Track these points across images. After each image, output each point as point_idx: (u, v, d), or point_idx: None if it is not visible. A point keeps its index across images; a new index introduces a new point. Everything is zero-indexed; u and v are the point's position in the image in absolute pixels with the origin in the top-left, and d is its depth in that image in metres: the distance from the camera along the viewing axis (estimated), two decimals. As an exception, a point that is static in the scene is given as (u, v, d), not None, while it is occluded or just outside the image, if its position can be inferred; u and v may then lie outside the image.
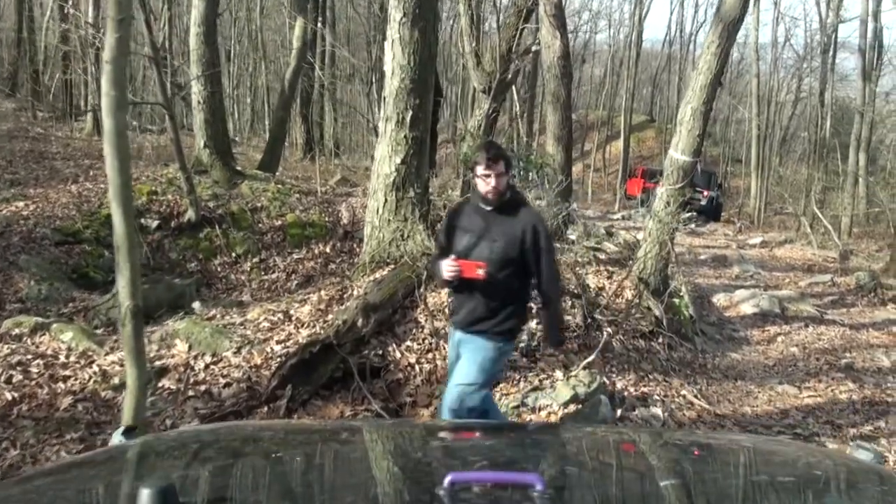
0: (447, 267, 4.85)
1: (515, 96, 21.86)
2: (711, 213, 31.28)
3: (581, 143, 48.60)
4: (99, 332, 8.59)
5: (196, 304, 9.66)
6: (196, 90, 14.96)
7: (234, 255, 12.86)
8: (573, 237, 12.02)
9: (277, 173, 17.35)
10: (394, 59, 9.01)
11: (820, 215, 23.53)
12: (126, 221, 4.96)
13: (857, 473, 2.10)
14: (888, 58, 37.41)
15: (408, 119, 8.98)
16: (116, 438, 2.42)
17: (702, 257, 18.64)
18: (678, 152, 9.79)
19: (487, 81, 16.80)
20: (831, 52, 37.91)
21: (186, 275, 12.26)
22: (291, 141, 27.06)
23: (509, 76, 17.36)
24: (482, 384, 5.08)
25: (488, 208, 4.97)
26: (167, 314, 9.25)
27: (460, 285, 5.00)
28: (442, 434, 2.54)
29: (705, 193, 30.50)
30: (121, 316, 5.19)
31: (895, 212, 20.67)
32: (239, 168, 15.90)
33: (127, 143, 5.05)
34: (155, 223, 13.28)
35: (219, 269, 12.47)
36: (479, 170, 4.88)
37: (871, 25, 32.75)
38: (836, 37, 38.02)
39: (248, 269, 12.64)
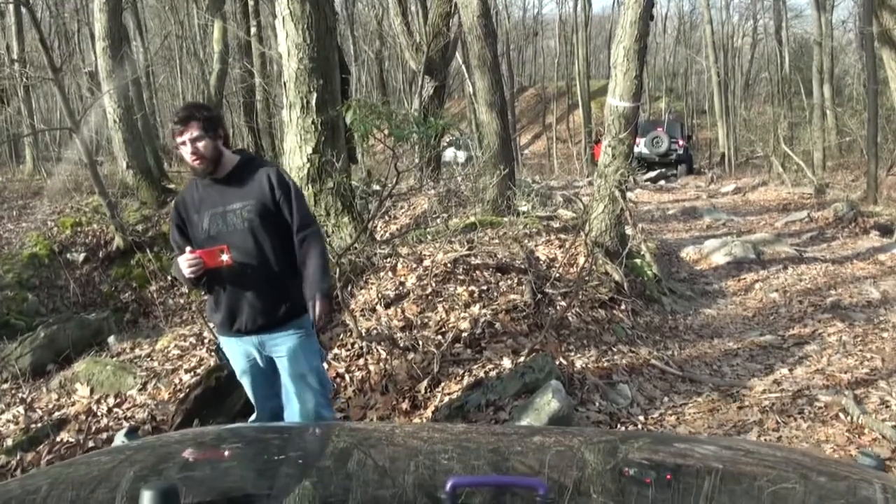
0: (185, 264, 4.01)
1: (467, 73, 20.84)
2: (689, 163, 30.75)
3: (543, 115, 48.03)
4: (5, 385, 7.80)
5: (111, 339, 8.77)
6: (110, 108, 14.02)
7: (169, 278, 11.95)
8: (524, 208, 11.12)
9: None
10: (287, 37, 8.13)
11: (790, 153, 22.83)
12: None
13: (859, 480, 1.99)
14: (840, -15, 36.94)
15: (313, 103, 8.11)
16: (119, 439, 2.75)
17: (671, 212, 17.75)
18: (616, 98, 8.90)
19: (424, 60, 15.98)
20: (783, -13, 37.32)
21: (120, 306, 11.47)
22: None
23: (448, 52, 16.60)
24: (327, 387, 4.47)
25: (218, 178, 4.16)
26: (85, 353, 8.43)
27: (214, 281, 4.20)
28: (443, 437, 2.49)
29: (680, 143, 29.90)
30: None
31: (867, 138, 19.91)
32: (172, 186, 14.98)
33: None
34: (82, 256, 12.56)
35: (155, 295, 11.56)
36: (176, 139, 4.07)
37: (818, -46, 32.02)
38: (785, -29, 37.46)
39: (187, 290, 11.76)
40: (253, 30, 20.11)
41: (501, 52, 46.10)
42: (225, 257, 4.01)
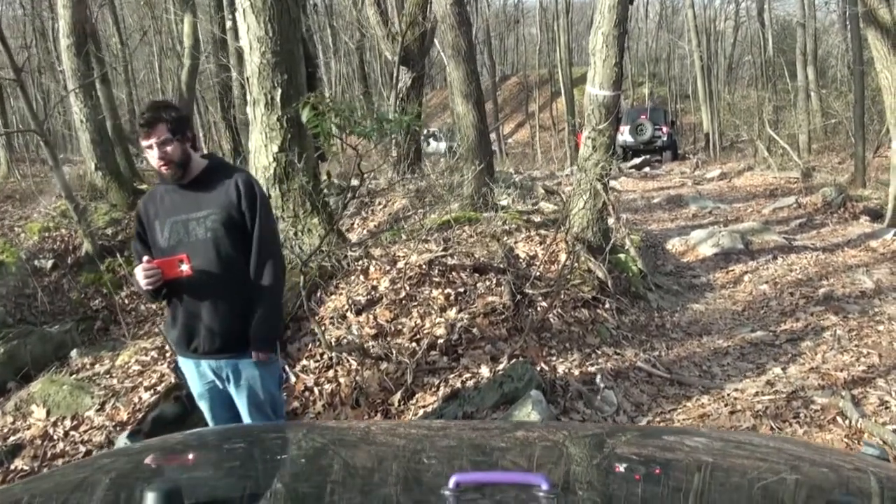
0: (142, 274, 3.68)
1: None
2: (674, 149, 30.65)
3: (526, 104, 47.66)
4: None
5: (74, 353, 8.32)
6: (76, 108, 13.56)
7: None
8: (504, 202, 10.75)
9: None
10: (249, 31, 7.72)
11: (776, 136, 22.55)
12: None
13: (863, 471, 1.95)
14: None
15: (278, 99, 7.72)
16: (122, 441, 2.87)
17: (655, 201, 17.42)
18: (596, 87, 8.53)
19: (400, 50, 15.57)
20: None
21: (90, 315, 11.05)
22: (215, 148, 25.75)
23: (426, 41, 16.18)
24: (280, 415, 4.17)
25: (183, 185, 3.82)
26: (46, 369, 8.00)
27: (173, 293, 3.86)
28: (446, 434, 2.43)
29: (664, 130, 29.79)
30: None
31: (852, 120, 19.66)
32: (144, 186, 14.53)
33: None
34: (50, 263, 12.11)
35: (126, 301, 11.16)
36: (142, 142, 3.74)
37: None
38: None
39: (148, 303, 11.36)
40: (228, 23, 19.66)
41: (482, 39, 45.92)
42: (184, 267, 3.68)
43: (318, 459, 2.17)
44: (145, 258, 3.72)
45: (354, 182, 6.81)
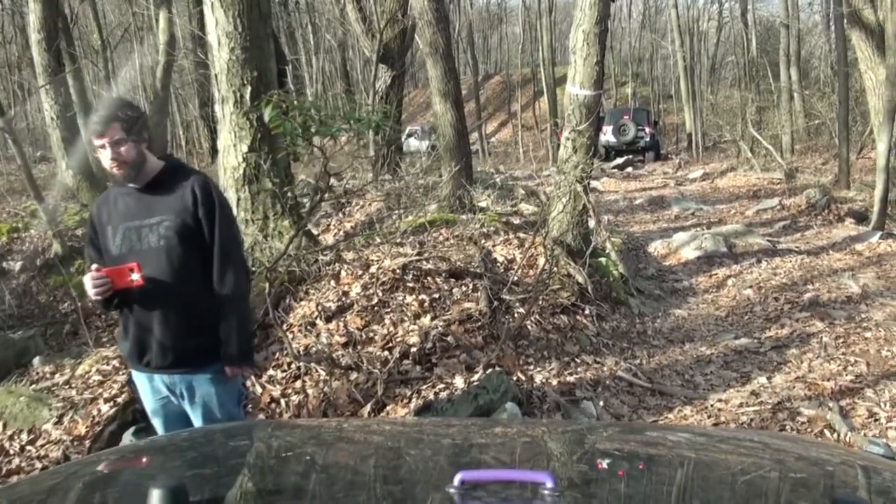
0: (90, 283, 3.43)
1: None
2: (657, 149, 30.67)
3: (509, 103, 47.56)
4: None
5: (36, 361, 7.99)
6: (46, 105, 13.25)
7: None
8: (483, 204, 10.51)
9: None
10: (217, 25, 7.46)
11: (759, 137, 22.47)
12: None
13: (869, 469, 1.93)
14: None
15: (247, 96, 7.47)
16: (127, 438, 3.08)
17: (637, 202, 17.20)
18: (576, 86, 8.30)
19: (379, 48, 15.34)
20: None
21: (59, 318, 10.75)
22: (193, 147, 25.51)
23: (406, 39, 15.95)
24: None
25: (138, 187, 3.57)
26: (7, 378, 7.68)
27: (125, 303, 3.62)
28: (452, 432, 2.42)
29: (647, 130, 29.84)
30: None
31: (836, 121, 19.58)
32: (116, 186, 14.24)
33: None
34: (18, 264, 11.75)
35: (93, 306, 10.85)
36: (94, 141, 3.47)
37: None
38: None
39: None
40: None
41: (465, 38, 45.80)
42: (135, 277, 3.42)
43: (327, 456, 2.17)
44: (94, 266, 3.48)
45: (322, 184, 6.53)
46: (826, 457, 2.08)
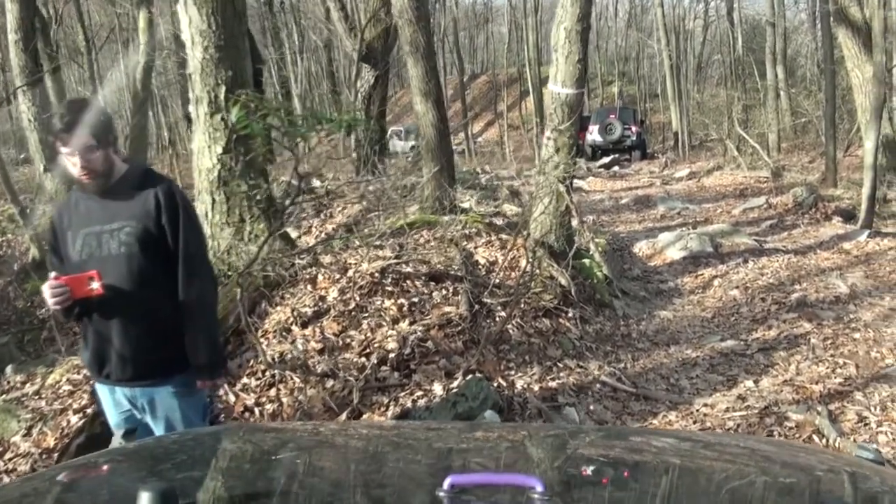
0: (49, 293, 3.27)
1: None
2: (643, 148, 30.71)
3: (495, 103, 47.47)
4: None
5: (8, 369, 7.78)
6: (24, 107, 13.01)
7: (89, 289, 11.07)
8: (466, 204, 10.36)
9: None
10: (191, 24, 7.26)
11: (745, 135, 22.39)
12: None
13: (856, 475, 1.93)
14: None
15: (222, 97, 7.25)
16: (116, 441, 2.87)
17: (623, 201, 17.08)
18: (558, 85, 8.15)
19: (361, 47, 15.17)
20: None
21: (36, 324, 10.56)
22: (177, 148, 25.33)
23: (389, 38, 15.76)
24: None
25: (100, 195, 3.41)
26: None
27: (86, 313, 3.45)
28: (442, 435, 2.41)
29: (634, 129, 29.85)
30: None
31: (823, 119, 19.54)
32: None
33: None
34: (-6, 269, 11.57)
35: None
36: (61, 149, 3.29)
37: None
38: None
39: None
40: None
41: (447, 38, 45.69)
42: (94, 285, 3.26)
43: (317, 459, 2.18)
44: (52, 274, 3.32)
45: (293, 187, 6.37)
46: (813, 463, 2.08)
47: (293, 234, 9.56)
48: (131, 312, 3.40)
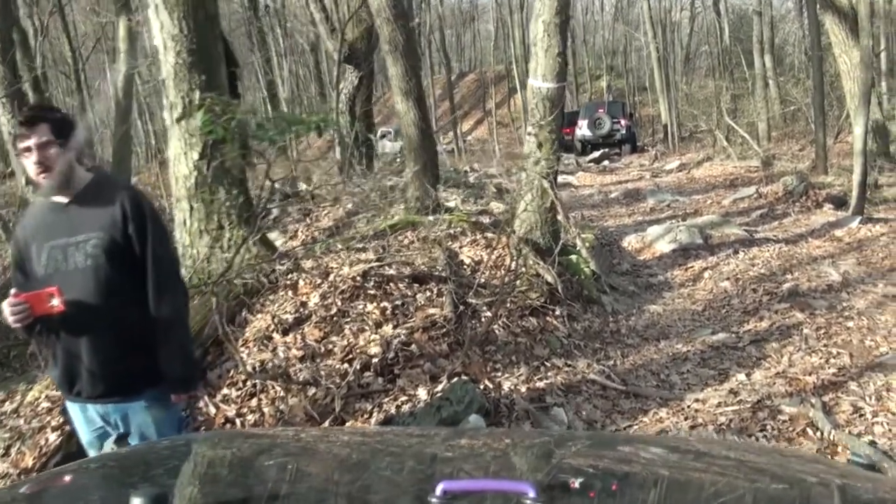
0: (8, 310, 3.12)
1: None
2: (633, 141, 30.86)
3: (484, 101, 47.46)
4: None
5: (-10, 386, 7.68)
6: (3, 119, 12.87)
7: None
8: (452, 203, 10.22)
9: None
10: (162, 28, 7.10)
11: (734, 125, 22.38)
12: None
13: (848, 486, 1.87)
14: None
15: (196, 102, 7.09)
16: (108, 446, 2.89)
17: (613, 195, 16.98)
18: (538, 79, 8.01)
19: (342, 48, 15.04)
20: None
21: (21, 339, 10.40)
22: (164, 157, 25.21)
23: (373, 38, 15.62)
24: None
25: (64, 202, 3.28)
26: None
27: (52, 329, 3.31)
28: (434, 441, 2.41)
29: (623, 123, 30.01)
30: None
31: (811, 107, 19.46)
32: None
33: None
34: (-23, 284, 11.40)
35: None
36: (18, 144, 3.18)
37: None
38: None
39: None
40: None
41: (433, 36, 45.57)
42: (55, 302, 3.11)
43: (308, 465, 2.15)
44: (13, 291, 3.17)
45: (265, 191, 6.25)
46: (804, 473, 2.05)
47: (280, 239, 9.43)
48: (100, 327, 3.27)
